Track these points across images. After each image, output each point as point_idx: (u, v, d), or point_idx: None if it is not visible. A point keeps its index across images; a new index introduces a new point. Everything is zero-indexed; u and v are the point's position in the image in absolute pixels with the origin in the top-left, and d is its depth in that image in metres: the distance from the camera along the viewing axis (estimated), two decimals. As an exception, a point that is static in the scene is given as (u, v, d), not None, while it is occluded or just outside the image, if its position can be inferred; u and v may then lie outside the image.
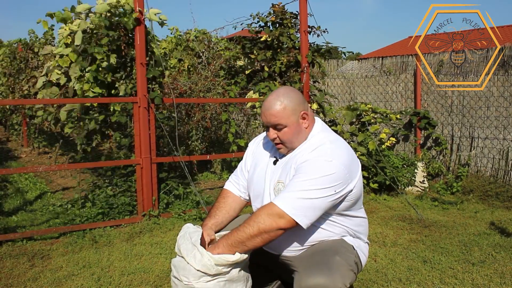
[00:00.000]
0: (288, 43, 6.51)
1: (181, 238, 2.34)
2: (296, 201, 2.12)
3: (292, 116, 2.31)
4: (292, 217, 2.11)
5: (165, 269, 3.85)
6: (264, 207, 2.18)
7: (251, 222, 2.13)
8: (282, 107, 2.29)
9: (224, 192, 2.69)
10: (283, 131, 2.32)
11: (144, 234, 4.83)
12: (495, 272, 3.80)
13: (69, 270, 3.87)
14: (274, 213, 2.11)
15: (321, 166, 2.18)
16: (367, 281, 3.63)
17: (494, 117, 6.72)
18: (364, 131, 6.97)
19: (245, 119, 8.89)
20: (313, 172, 2.17)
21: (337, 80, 8.74)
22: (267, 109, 2.31)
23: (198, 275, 2.17)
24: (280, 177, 2.35)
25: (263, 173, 2.46)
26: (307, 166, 2.21)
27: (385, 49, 24.97)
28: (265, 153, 2.55)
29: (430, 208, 6.01)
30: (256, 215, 2.16)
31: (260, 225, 2.11)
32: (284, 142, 2.35)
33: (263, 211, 2.15)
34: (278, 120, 2.29)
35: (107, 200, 5.25)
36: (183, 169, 5.39)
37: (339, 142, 2.36)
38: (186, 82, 7.47)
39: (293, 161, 2.32)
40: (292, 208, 2.11)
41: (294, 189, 2.15)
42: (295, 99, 2.34)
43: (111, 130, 5.94)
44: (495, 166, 6.69)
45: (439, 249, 4.36)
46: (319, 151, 2.25)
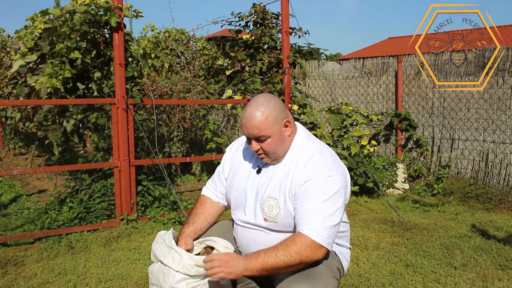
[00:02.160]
0: (269, 43, 6.45)
1: (155, 244, 2.27)
2: (326, 230, 2.10)
3: (275, 126, 2.22)
4: (327, 247, 2.11)
5: (143, 276, 3.75)
6: (299, 239, 2.09)
7: (291, 252, 2.06)
8: (264, 117, 2.19)
9: (202, 198, 2.61)
10: (266, 142, 2.23)
11: (122, 238, 4.72)
12: (477, 276, 3.79)
13: (43, 278, 3.74)
14: (313, 246, 2.07)
15: (328, 184, 2.17)
16: (349, 286, 3.59)
17: (474, 119, 6.75)
18: (347, 134, 6.94)
19: (224, 120, 8.82)
20: (324, 193, 2.15)
21: (318, 81, 8.70)
22: (248, 121, 2.20)
23: (178, 278, 2.08)
24: (271, 193, 2.27)
25: (244, 182, 2.38)
26: (314, 188, 2.16)
27: (365, 49, 25.10)
28: (245, 160, 2.46)
29: (411, 210, 6.00)
30: (292, 244, 2.08)
31: (303, 258, 2.06)
32: (267, 153, 2.26)
33: (301, 242, 2.08)
34: (261, 131, 2.20)
35: (84, 204, 5.12)
36: (162, 171, 5.28)
37: (326, 151, 2.32)
38: (165, 83, 7.36)
39: (285, 176, 2.25)
40: (326, 238, 2.10)
41: (320, 217, 2.11)
42: (277, 107, 2.24)
43: (89, 131, 5.81)
44: (475, 168, 6.71)
45: (421, 253, 4.33)
46: (313, 167, 2.21)
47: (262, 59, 6.45)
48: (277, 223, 2.26)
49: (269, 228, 2.30)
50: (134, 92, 5.26)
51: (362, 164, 6.51)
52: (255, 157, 2.40)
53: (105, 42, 5.36)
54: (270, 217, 2.26)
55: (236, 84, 6.63)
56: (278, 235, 2.28)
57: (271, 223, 2.27)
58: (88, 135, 7.03)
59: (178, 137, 7.38)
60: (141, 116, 5.46)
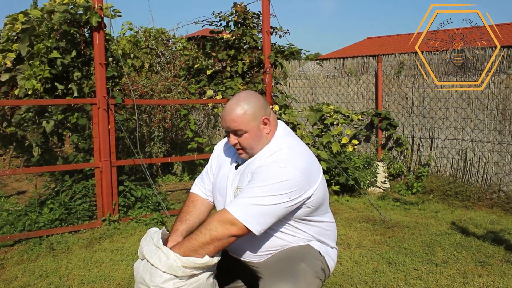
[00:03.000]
0: (250, 43, 6.45)
1: (143, 241, 2.25)
2: (248, 207, 2.04)
3: (252, 122, 2.23)
4: (244, 224, 2.03)
5: (127, 277, 3.72)
6: (217, 214, 2.11)
7: (203, 229, 2.07)
8: (242, 112, 2.21)
9: (192, 196, 2.60)
10: (243, 136, 2.24)
11: (104, 240, 4.67)
12: (458, 272, 3.84)
13: (24, 280, 3.68)
14: (226, 220, 2.04)
15: (275, 172, 2.11)
16: (333, 284, 3.60)
17: (453, 118, 6.84)
18: (327, 133, 6.98)
19: (205, 120, 8.79)
20: (266, 178, 2.10)
21: (298, 80, 8.73)
22: (227, 114, 2.24)
23: (165, 278, 2.07)
24: (239, 183, 2.29)
25: (225, 179, 2.40)
26: (261, 172, 2.15)
27: (345, 49, 25.22)
28: (228, 157, 2.48)
29: (392, 208, 6.06)
30: (208, 222, 2.09)
31: (212, 233, 2.03)
32: (244, 148, 2.28)
33: (215, 218, 2.08)
34: (238, 125, 2.22)
35: (65, 205, 5.05)
36: (144, 171, 5.24)
37: (298, 148, 2.29)
38: (146, 83, 7.31)
39: (250, 166, 2.27)
40: (244, 214, 2.04)
41: (247, 195, 2.09)
42: (256, 104, 2.26)
43: (69, 132, 5.73)
44: (454, 166, 6.81)
45: (403, 250, 4.38)
46: (274, 157, 2.19)
47: (243, 59, 6.46)
48: None
49: None
50: (115, 92, 5.21)
51: (343, 162, 6.55)
52: (236, 154, 2.41)
53: (85, 41, 5.30)
54: None
55: (217, 84, 6.62)
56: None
57: None
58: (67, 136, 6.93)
59: (159, 137, 7.34)
60: (122, 116, 5.41)
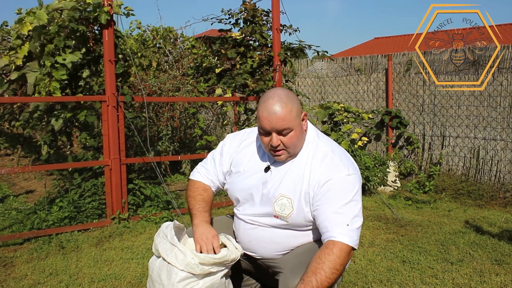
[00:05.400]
0: (260, 41, 6.40)
1: (157, 238, 2.20)
2: (355, 232, 2.10)
3: (297, 119, 2.18)
4: (356, 247, 2.11)
5: (137, 275, 3.67)
6: (336, 248, 2.03)
7: (336, 264, 2.00)
8: (288, 109, 2.12)
9: (201, 184, 2.50)
10: (289, 135, 2.16)
11: (114, 238, 4.63)
12: (474, 271, 3.77)
13: (34, 279, 3.65)
14: (348, 251, 2.06)
15: (348, 183, 2.16)
16: (347, 283, 3.54)
17: (465, 116, 6.75)
18: (337, 131, 6.93)
19: (214, 119, 8.75)
20: (347, 193, 2.14)
21: (307, 79, 8.67)
22: (272, 114, 2.12)
23: (182, 276, 2.02)
24: (284, 192, 2.22)
25: (252, 180, 2.32)
26: (335, 188, 2.14)
27: (352, 49, 25.13)
28: (251, 157, 2.38)
29: (404, 207, 5.99)
30: (331, 256, 2.02)
31: (343, 265, 2.05)
32: (288, 148, 2.20)
33: (340, 251, 2.03)
34: (287, 124, 2.13)
35: (74, 203, 5.01)
36: (154, 170, 5.20)
37: (338, 148, 2.33)
38: (154, 82, 7.27)
39: (300, 175, 2.21)
40: (356, 240, 2.10)
41: (347, 219, 2.10)
42: (296, 100, 2.21)
43: (78, 130, 5.70)
44: (467, 165, 6.72)
45: (417, 249, 4.31)
46: (333, 167, 2.19)
47: (252, 56, 6.40)
48: (287, 222, 2.23)
49: (276, 226, 2.27)
50: (124, 89, 5.17)
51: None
52: (261, 154, 2.34)
53: (95, 39, 5.27)
54: (281, 216, 2.23)
55: (226, 82, 6.57)
56: (284, 232, 2.27)
57: (280, 221, 2.24)
58: (75, 135, 6.90)
59: (167, 136, 7.30)
60: (132, 113, 5.37)
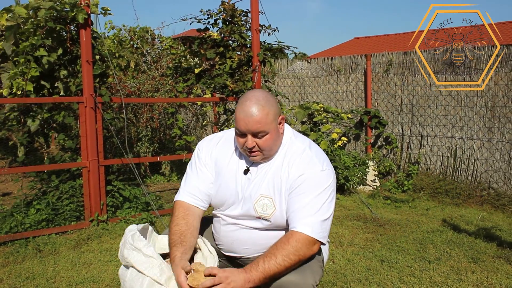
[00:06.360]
0: (239, 41, 6.39)
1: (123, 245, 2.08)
2: (320, 224, 2.09)
3: (274, 122, 2.16)
4: (321, 241, 2.09)
5: (116, 278, 3.64)
6: (294, 237, 2.04)
7: (289, 254, 1.99)
8: (265, 112, 2.10)
9: (182, 208, 2.29)
10: (264, 138, 2.14)
11: (92, 240, 4.58)
12: (451, 269, 3.82)
13: (10, 283, 3.59)
14: (308, 241, 2.04)
15: (320, 178, 2.16)
16: (326, 282, 3.56)
17: (442, 116, 6.83)
18: (316, 131, 6.95)
19: (193, 119, 8.71)
20: (317, 187, 2.14)
21: (287, 79, 8.69)
22: (248, 116, 2.09)
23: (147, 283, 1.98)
24: (264, 192, 2.21)
25: (232, 182, 2.27)
26: (307, 182, 2.14)
27: (332, 49, 25.23)
28: (230, 159, 2.33)
29: (383, 206, 6.03)
30: (287, 245, 2.01)
31: (300, 257, 2.02)
32: (263, 150, 2.17)
33: (296, 241, 2.02)
34: (262, 126, 2.10)
35: (52, 206, 4.95)
36: (133, 171, 5.16)
37: (314, 145, 2.33)
38: (133, 83, 7.21)
39: (278, 173, 2.21)
40: (321, 232, 2.09)
41: (312, 211, 2.09)
42: (275, 103, 2.18)
43: (54, 132, 5.62)
44: (444, 164, 6.80)
45: (395, 248, 4.35)
46: (308, 162, 2.19)
47: (231, 56, 6.39)
48: (270, 222, 2.21)
49: (259, 228, 2.25)
50: (102, 90, 5.12)
51: (333, 160, 6.51)
52: (238, 156, 2.31)
53: (72, 39, 5.20)
54: (263, 216, 2.20)
55: (205, 82, 6.55)
56: (266, 233, 2.25)
57: (264, 222, 2.22)
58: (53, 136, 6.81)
59: (147, 137, 7.25)
60: (110, 115, 5.32)
